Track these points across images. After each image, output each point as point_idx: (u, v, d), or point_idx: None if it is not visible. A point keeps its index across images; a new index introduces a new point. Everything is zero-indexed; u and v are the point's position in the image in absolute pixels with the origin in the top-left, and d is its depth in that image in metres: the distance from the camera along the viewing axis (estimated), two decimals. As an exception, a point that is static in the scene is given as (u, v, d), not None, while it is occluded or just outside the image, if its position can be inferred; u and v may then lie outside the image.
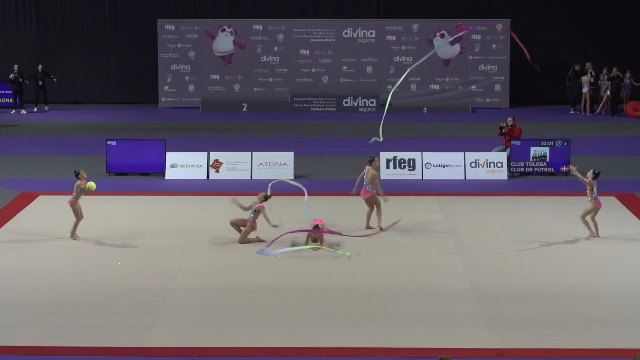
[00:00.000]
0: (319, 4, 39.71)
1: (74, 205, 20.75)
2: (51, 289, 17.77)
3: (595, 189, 20.92)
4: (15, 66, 36.73)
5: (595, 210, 20.92)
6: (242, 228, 20.45)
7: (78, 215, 20.79)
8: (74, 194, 20.74)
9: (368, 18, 39.27)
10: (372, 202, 21.54)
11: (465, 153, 26.92)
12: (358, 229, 21.49)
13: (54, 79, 37.04)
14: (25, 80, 36.57)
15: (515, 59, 38.39)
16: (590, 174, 21.00)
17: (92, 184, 20.72)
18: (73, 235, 20.79)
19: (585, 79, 37.08)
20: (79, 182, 20.73)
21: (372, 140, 23.20)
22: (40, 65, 37.17)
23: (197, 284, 18.15)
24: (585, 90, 37.11)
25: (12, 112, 36.63)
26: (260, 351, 15.23)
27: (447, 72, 38.85)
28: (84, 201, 20.77)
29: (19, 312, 16.73)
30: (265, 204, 20.27)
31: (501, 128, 27.39)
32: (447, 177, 26.53)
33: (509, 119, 27.53)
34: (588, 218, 20.99)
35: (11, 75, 36.37)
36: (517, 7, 39.17)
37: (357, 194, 21.71)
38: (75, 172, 21.00)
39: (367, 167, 21.60)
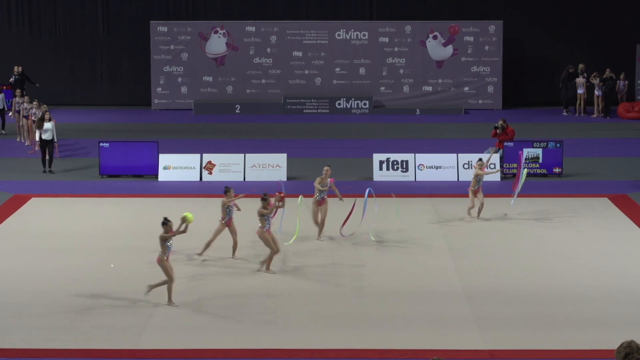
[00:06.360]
0: (312, 5, 39.74)
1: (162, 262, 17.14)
2: (43, 292, 17.74)
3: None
4: (16, 68, 36.46)
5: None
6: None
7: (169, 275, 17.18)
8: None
9: (361, 20, 39.30)
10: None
11: (458, 154, 26.95)
12: (350, 230, 21.51)
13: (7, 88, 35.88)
14: (33, 82, 35.91)
15: (507, 60, 38.47)
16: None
17: (189, 216, 17.29)
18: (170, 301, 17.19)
19: (580, 80, 37.15)
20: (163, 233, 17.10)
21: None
22: (20, 67, 36.61)
23: (189, 287, 18.13)
24: (581, 91, 37.18)
25: (10, 114, 35.94)
26: (253, 353, 15.22)
27: (440, 74, 38.88)
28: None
29: (10, 315, 16.70)
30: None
31: (496, 128, 27.44)
32: (440, 179, 26.55)
33: (500, 121, 27.59)
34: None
35: (11, 79, 36.09)
36: (510, 9, 39.23)
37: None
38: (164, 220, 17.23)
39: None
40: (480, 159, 23.00)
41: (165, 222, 17.11)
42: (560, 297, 17.50)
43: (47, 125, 27.33)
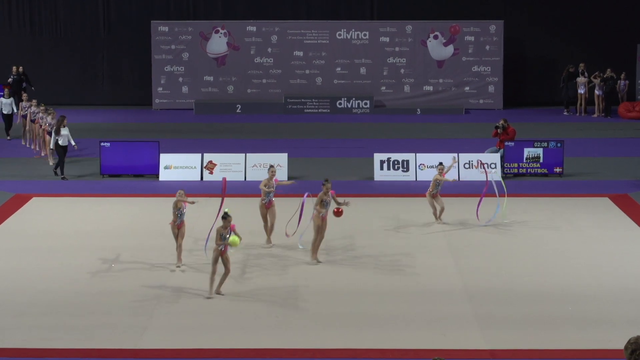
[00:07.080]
0: (313, 5, 39.76)
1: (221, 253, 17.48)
2: (44, 291, 17.75)
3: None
4: (15, 68, 36.49)
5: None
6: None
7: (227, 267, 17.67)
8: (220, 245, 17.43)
9: (362, 19, 39.32)
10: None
11: (459, 154, 26.93)
12: (350, 230, 21.50)
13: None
14: (31, 84, 35.78)
15: (508, 60, 38.47)
16: None
17: (235, 240, 17.49)
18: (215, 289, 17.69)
19: (581, 80, 37.16)
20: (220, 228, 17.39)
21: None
22: (21, 67, 36.65)
23: (191, 286, 18.13)
24: (582, 91, 37.19)
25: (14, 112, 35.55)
26: (253, 353, 15.22)
27: (440, 74, 38.90)
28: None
29: (11, 314, 16.69)
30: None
31: (497, 128, 27.45)
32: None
33: (501, 121, 27.60)
34: None
35: (10, 79, 36.06)
36: (510, 9, 39.24)
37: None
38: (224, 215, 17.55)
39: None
40: (440, 163, 22.91)
41: (225, 217, 17.38)
42: (560, 296, 17.50)
43: (63, 131, 26.83)
